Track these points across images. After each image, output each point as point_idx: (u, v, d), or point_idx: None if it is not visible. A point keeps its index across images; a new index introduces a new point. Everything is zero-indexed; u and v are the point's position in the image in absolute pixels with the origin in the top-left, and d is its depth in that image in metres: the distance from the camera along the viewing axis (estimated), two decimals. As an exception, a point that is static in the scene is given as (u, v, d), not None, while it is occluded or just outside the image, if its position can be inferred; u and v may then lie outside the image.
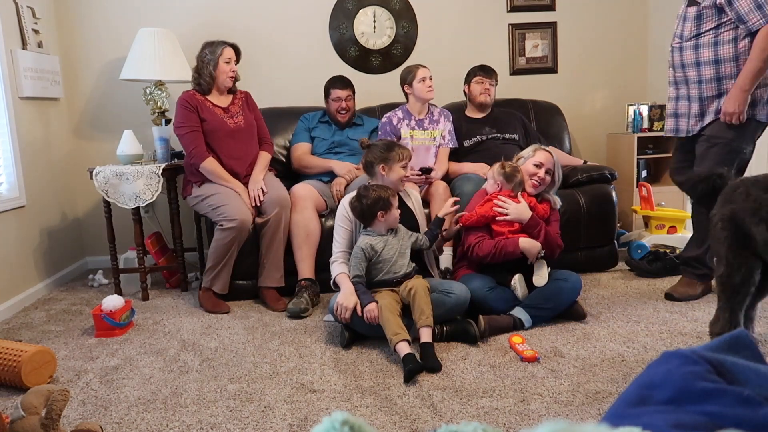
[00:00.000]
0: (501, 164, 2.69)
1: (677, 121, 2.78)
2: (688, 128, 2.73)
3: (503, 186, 2.65)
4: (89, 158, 3.83)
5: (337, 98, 3.34)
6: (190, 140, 2.96)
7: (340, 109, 3.35)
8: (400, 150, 2.58)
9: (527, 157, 2.72)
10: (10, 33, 3.18)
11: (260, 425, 1.80)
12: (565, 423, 0.58)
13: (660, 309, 2.69)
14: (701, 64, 2.60)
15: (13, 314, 3.02)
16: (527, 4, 4.08)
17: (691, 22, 2.59)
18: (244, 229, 2.87)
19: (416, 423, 1.77)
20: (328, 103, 3.40)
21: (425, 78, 3.21)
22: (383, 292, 2.39)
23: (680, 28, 2.65)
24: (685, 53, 2.63)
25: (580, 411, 1.81)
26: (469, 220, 2.62)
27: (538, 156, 2.70)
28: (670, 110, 2.81)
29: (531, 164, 2.68)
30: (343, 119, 3.38)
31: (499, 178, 2.66)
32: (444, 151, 3.31)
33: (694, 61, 2.61)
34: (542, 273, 2.54)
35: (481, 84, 3.39)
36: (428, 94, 3.23)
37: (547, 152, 2.72)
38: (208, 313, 2.90)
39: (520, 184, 2.66)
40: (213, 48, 3.01)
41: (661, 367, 0.75)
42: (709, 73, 2.59)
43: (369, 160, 2.61)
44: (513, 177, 2.64)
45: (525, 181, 2.67)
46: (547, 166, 2.68)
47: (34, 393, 1.62)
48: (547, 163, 2.68)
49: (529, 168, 2.68)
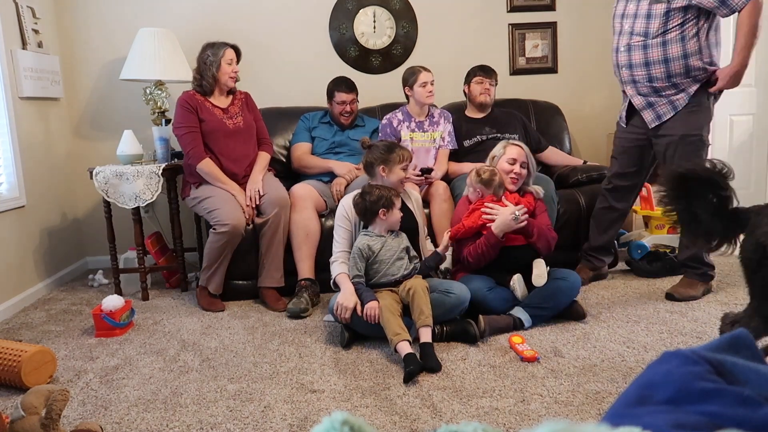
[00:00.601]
0: (476, 171, 2.66)
1: (655, 110, 2.78)
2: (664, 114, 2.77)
3: (484, 192, 2.64)
4: (89, 158, 3.83)
5: (342, 102, 3.32)
6: (188, 141, 2.97)
7: (343, 112, 3.34)
8: (401, 151, 2.57)
9: (499, 155, 2.71)
10: (10, 33, 3.18)
11: (260, 425, 1.80)
12: (565, 423, 0.58)
13: (660, 309, 2.69)
14: (669, 60, 2.65)
15: (13, 314, 3.02)
16: (527, 4, 4.08)
17: (658, 19, 2.63)
18: (236, 233, 2.87)
19: (416, 423, 1.77)
20: (332, 105, 3.38)
21: (426, 83, 3.20)
22: (383, 293, 2.39)
23: (643, 26, 2.67)
24: (650, 51, 2.68)
25: (580, 411, 1.81)
26: (458, 233, 2.60)
27: (510, 152, 2.68)
28: (641, 104, 2.80)
29: (505, 162, 2.67)
30: (346, 122, 3.37)
31: (478, 186, 2.64)
32: (444, 153, 3.31)
33: (662, 58, 2.66)
34: (541, 272, 2.54)
35: (481, 84, 3.39)
36: (427, 99, 3.23)
37: (516, 146, 2.71)
38: (208, 313, 2.90)
39: (501, 185, 2.64)
40: (215, 50, 3.01)
41: (661, 367, 0.75)
42: (678, 67, 2.66)
43: (369, 161, 2.61)
44: (491, 182, 2.62)
45: (504, 181, 2.65)
46: (520, 160, 2.67)
47: (34, 393, 1.62)
48: (519, 157, 2.67)
49: (504, 166, 2.67)
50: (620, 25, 2.78)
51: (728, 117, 4.42)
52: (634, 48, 2.71)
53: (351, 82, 3.38)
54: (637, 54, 2.71)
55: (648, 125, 2.80)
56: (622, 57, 2.77)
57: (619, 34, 2.78)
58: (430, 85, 3.21)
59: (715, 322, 2.50)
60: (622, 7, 2.79)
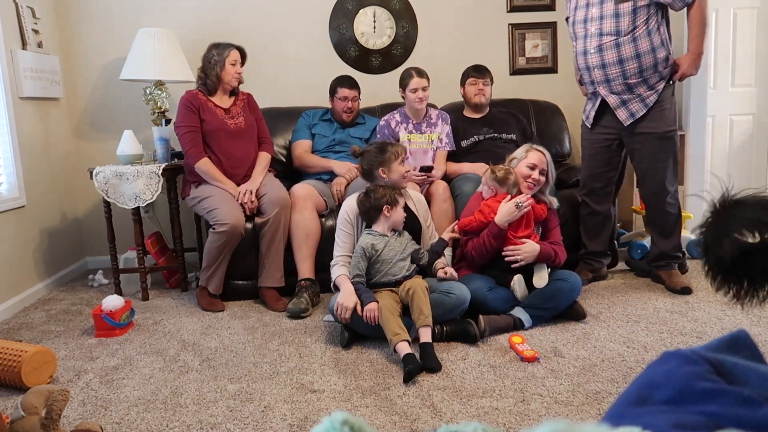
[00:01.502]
0: (491, 170, 2.66)
1: (628, 108, 2.87)
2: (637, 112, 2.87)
3: (497, 191, 2.64)
4: (89, 158, 3.83)
5: (344, 97, 3.33)
6: (188, 140, 2.98)
7: (345, 109, 3.34)
8: (394, 148, 2.58)
9: (520, 158, 2.70)
10: (10, 33, 3.18)
11: (260, 425, 1.80)
12: (565, 423, 0.58)
13: (660, 309, 2.69)
14: (641, 54, 2.78)
15: (13, 314, 3.02)
16: (527, 4, 4.08)
17: (627, 17, 2.75)
18: (236, 233, 2.87)
19: (416, 423, 1.77)
20: (334, 101, 3.38)
21: (417, 89, 3.18)
22: (383, 293, 2.39)
23: (612, 25, 2.78)
24: (623, 48, 2.78)
25: (580, 411, 1.81)
26: (468, 226, 2.61)
27: (531, 157, 2.67)
28: (616, 102, 2.88)
29: (524, 166, 2.66)
30: (348, 119, 3.38)
31: (493, 184, 2.64)
32: (441, 154, 3.31)
33: (634, 54, 2.78)
34: (542, 275, 2.54)
35: (475, 85, 3.38)
36: (416, 105, 3.22)
37: (539, 152, 2.69)
38: (208, 313, 2.90)
39: (515, 184, 2.64)
40: (220, 50, 3.03)
41: (661, 367, 0.75)
42: (648, 61, 2.78)
43: (367, 168, 2.60)
44: (506, 180, 2.62)
45: (519, 182, 2.65)
46: (540, 167, 2.65)
47: (34, 393, 1.62)
48: (540, 163, 2.66)
49: (523, 170, 2.66)
50: (584, 29, 2.89)
51: (728, 117, 4.42)
52: (606, 48, 2.81)
53: (354, 80, 3.40)
54: (610, 53, 2.80)
55: (623, 123, 2.89)
56: (593, 58, 2.87)
57: (585, 38, 2.89)
58: (421, 92, 3.18)
59: (715, 322, 2.50)
60: (582, 14, 2.90)
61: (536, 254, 2.53)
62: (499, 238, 2.52)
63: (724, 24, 4.36)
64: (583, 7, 2.89)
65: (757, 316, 2.54)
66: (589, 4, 2.85)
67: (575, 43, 2.98)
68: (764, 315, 2.56)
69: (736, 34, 4.39)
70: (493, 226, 2.51)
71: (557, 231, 2.71)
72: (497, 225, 2.51)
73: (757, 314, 2.57)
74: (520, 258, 2.51)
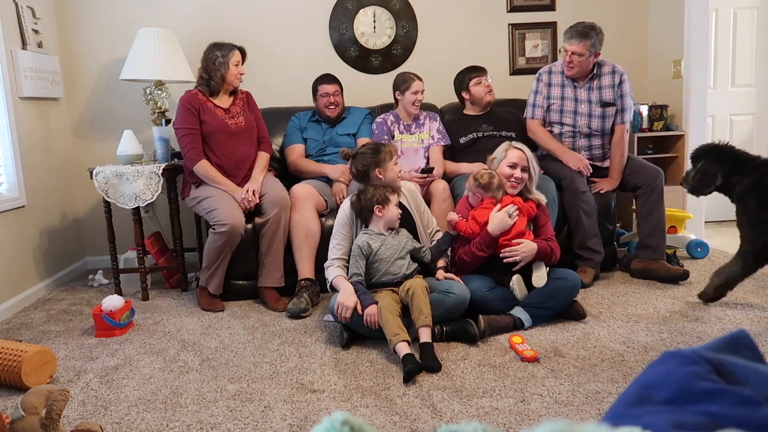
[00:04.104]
0: (473, 176, 2.65)
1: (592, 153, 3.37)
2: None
3: (483, 196, 2.63)
4: (89, 158, 3.83)
5: (325, 93, 3.37)
6: (187, 142, 2.99)
7: (328, 104, 3.37)
8: (387, 148, 2.58)
9: (500, 158, 2.69)
10: (10, 33, 3.18)
11: (260, 425, 1.80)
12: (565, 423, 0.58)
13: (660, 309, 2.69)
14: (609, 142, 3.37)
15: (13, 314, 3.02)
16: (527, 4, 4.09)
17: (610, 119, 3.27)
18: (236, 233, 2.87)
19: (416, 423, 1.77)
20: (317, 100, 3.43)
21: (418, 92, 3.24)
22: (383, 293, 2.40)
23: (600, 125, 3.26)
24: (605, 138, 3.32)
25: (580, 411, 1.81)
26: (465, 231, 2.58)
27: (511, 156, 2.66)
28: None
29: (505, 166, 2.65)
30: (333, 114, 3.40)
31: (477, 190, 2.63)
32: (437, 150, 3.32)
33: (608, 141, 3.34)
34: (541, 273, 2.54)
35: (480, 83, 3.39)
36: (413, 108, 3.29)
37: (518, 150, 2.67)
38: (208, 313, 2.90)
39: (500, 187, 2.62)
40: (224, 51, 3.03)
41: (661, 367, 0.75)
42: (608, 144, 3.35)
43: (362, 169, 2.58)
44: (490, 185, 2.60)
45: (503, 184, 2.63)
46: (521, 164, 2.64)
47: (34, 393, 1.62)
48: (520, 161, 2.64)
49: (505, 170, 2.64)
50: (573, 119, 3.28)
51: (728, 117, 4.42)
52: (594, 136, 3.30)
53: (333, 76, 3.45)
54: (596, 140, 3.31)
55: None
56: (581, 141, 3.31)
57: (574, 126, 3.28)
58: (420, 95, 3.26)
59: (715, 322, 2.50)
60: (571, 105, 3.27)
61: (534, 252, 2.53)
62: (492, 246, 2.53)
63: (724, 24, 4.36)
64: (572, 101, 3.26)
65: (757, 316, 2.54)
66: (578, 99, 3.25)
67: (549, 114, 3.34)
68: (764, 315, 2.56)
69: (736, 34, 4.40)
70: (486, 235, 2.51)
71: (549, 226, 2.70)
72: (490, 235, 2.50)
73: (757, 314, 2.57)
74: (519, 258, 2.51)
